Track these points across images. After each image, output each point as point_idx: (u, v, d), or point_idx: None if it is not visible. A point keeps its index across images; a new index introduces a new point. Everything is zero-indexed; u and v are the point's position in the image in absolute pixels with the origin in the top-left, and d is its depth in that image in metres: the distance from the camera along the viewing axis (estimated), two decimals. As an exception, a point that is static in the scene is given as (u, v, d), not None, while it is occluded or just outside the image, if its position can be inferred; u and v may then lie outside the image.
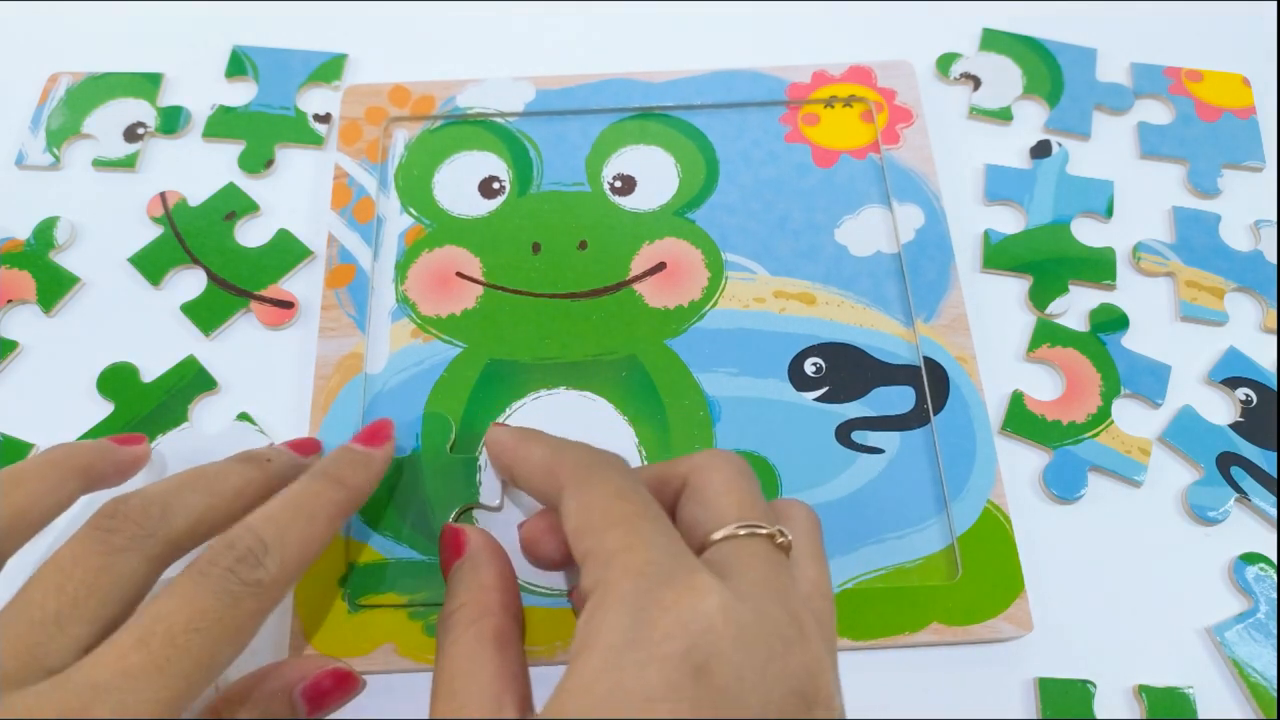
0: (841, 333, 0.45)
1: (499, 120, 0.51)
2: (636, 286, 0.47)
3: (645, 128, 0.51)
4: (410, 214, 0.49)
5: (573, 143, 0.51)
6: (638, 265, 0.47)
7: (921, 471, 0.42)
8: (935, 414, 0.43)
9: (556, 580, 0.40)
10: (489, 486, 0.42)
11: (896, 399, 0.44)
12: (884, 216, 0.48)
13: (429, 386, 0.44)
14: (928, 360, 0.44)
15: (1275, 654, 0.39)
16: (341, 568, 0.40)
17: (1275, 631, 0.39)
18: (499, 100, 0.52)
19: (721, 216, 0.49)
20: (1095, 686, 0.38)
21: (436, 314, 0.46)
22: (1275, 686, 0.38)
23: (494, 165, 0.50)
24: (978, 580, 0.39)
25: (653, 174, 0.50)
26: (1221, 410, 0.45)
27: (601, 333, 0.45)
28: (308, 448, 0.40)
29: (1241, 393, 0.44)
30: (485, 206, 0.49)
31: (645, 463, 0.42)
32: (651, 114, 0.52)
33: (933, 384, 0.44)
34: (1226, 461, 0.43)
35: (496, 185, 0.50)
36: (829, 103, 0.52)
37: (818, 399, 0.44)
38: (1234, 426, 0.44)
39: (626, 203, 0.49)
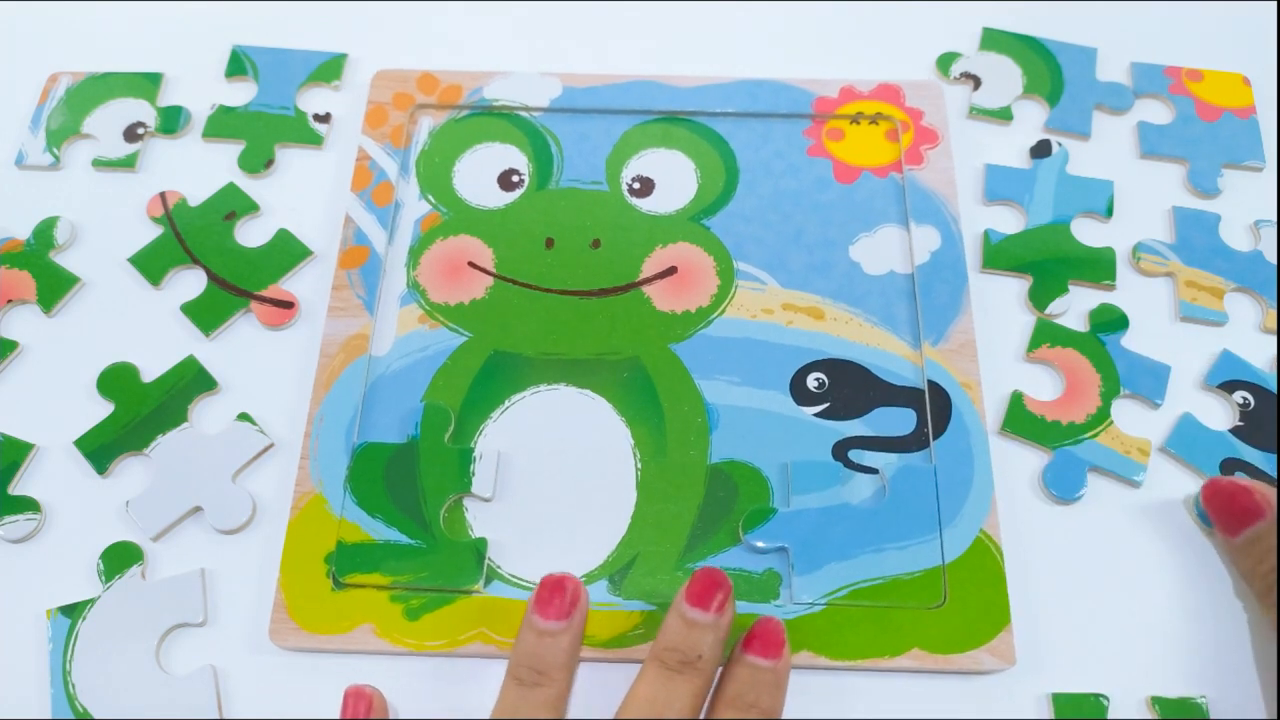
0: (847, 350, 0.45)
1: (524, 114, 0.52)
2: (646, 289, 0.47)
3: (668, 131, 0.51)
4: (428, 201, 0.49)
5: (595, 141, 0.51)
6: (649, 268, 0.47)
7: (916, 496, 0.42)
8: (935, 438, 0.43)
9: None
10: (483, 478, 0.42)
11: (897, 420, 0.44)
12: (900, 236, 0.48)
13: (431, 373, 0.44)
14: (931, 384, 0.44)
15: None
16: (330, 545, 0.40)
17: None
18: (526, 94, 0.52)
19: (737, 225, 0.49)
20: (1109, 700, 0.38)
21: (445, 302, 0.46)
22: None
23: (515, 158, 0.50)
24: (963, 609, 0.39)
25: (672, 178, 0.50)
26: (1222, 415, 0.44)
27: (607, 332, 0.46)
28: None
29: (1239, 396, 0.44)
30: (503, 198, 0.49)
31: (639, 465, 0.42)
32: (676, 118, 0.52)
33: (935, 408, 0.43)
34: (1231, 467, 0.43)
35: (516, 178, 0.50)
36: (855, 119, 0.51)
37: (818, 414, 0.44)
38: (1234, 431, 0.44)
39: (643, 204, 0.49)
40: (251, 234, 0.49)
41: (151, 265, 0.48)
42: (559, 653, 0.36)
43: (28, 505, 0.42)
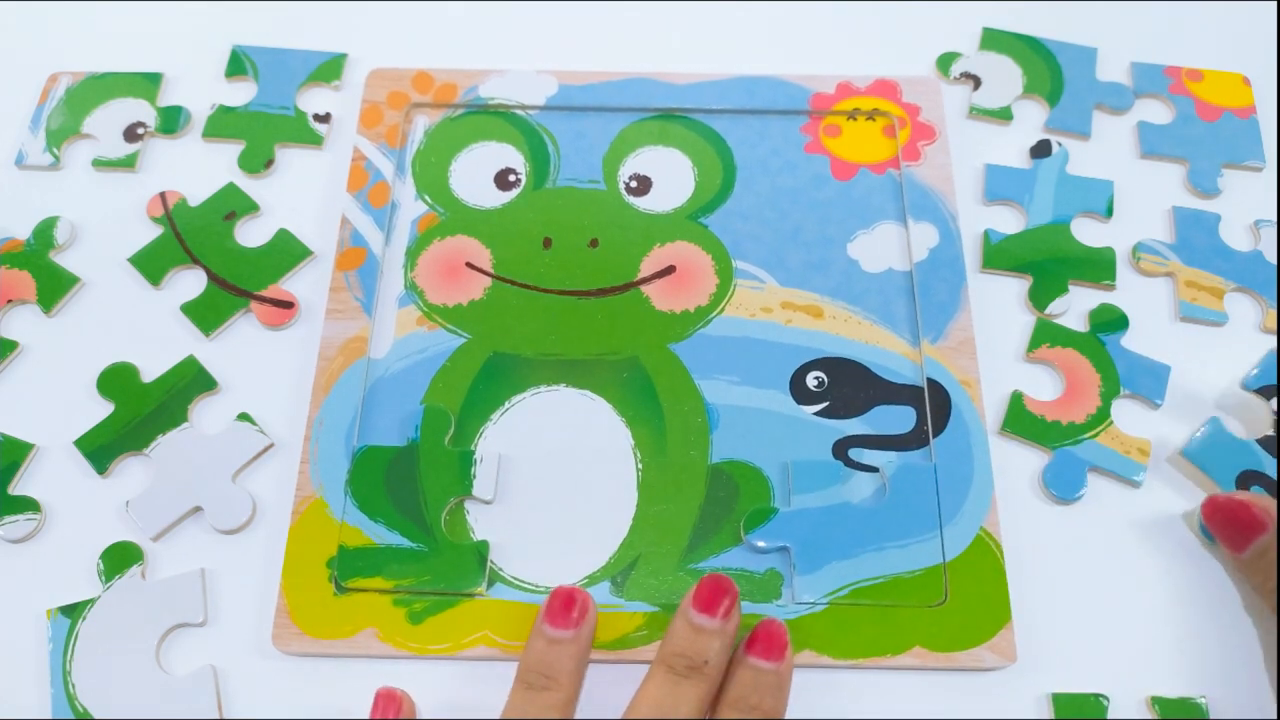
0: (846, 348, 0.45)
1: (520, 112, 0.51)
2: (644, 288, 0.47)
3: (665, 129, 0.51)
4: (425, 201, 0.49)
5: (591, 140, 0.51)
6: (647, 267, 0.47)
7: (916, 494, 0.42)
8: (935, 436, 0.43)
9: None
10: (484, 480, 0.42)
11: (897, 418, 0.44)
12: (899, 233, 0.48)
13: (430, 374, 0.44)
14: (931, 382, 0.44)
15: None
16: (331, 549, 0.40)
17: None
18: (521, 92, 0.52)
19: (735, 223, 0.48)
20: (1109, 700, 0.38)
21: (443, 303, 0.46)
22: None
23: (511, 157, 0.50)
24: (964, 607, 0.39)
25: (669, 176, 0.50)
26: (1238, 423, 0.44)
27: (606, 332, 0.46)
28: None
29: (1276, 403, 0.43)
30: (500, 198, 0.49)
31: (640, 465, 0.43)
32: (673, 115, 0.51)
33: (934, 406, 0.43)
34: (1246, 480, 0.42)
35: (513, 178, 0.50)
36: (852, 115, 0.51)
37: (817, 413, 0.44)
38: (1263, 442, 0.42)
39: (641, 203, 0.49)
40: (251, 234, 0.49)
41: (151, 265, 0.48)
42: (567, 659, 0.36)
43: (28, 505, 0.42)
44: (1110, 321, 0.46)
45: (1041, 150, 0.51)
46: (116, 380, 0.45)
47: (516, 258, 0.48)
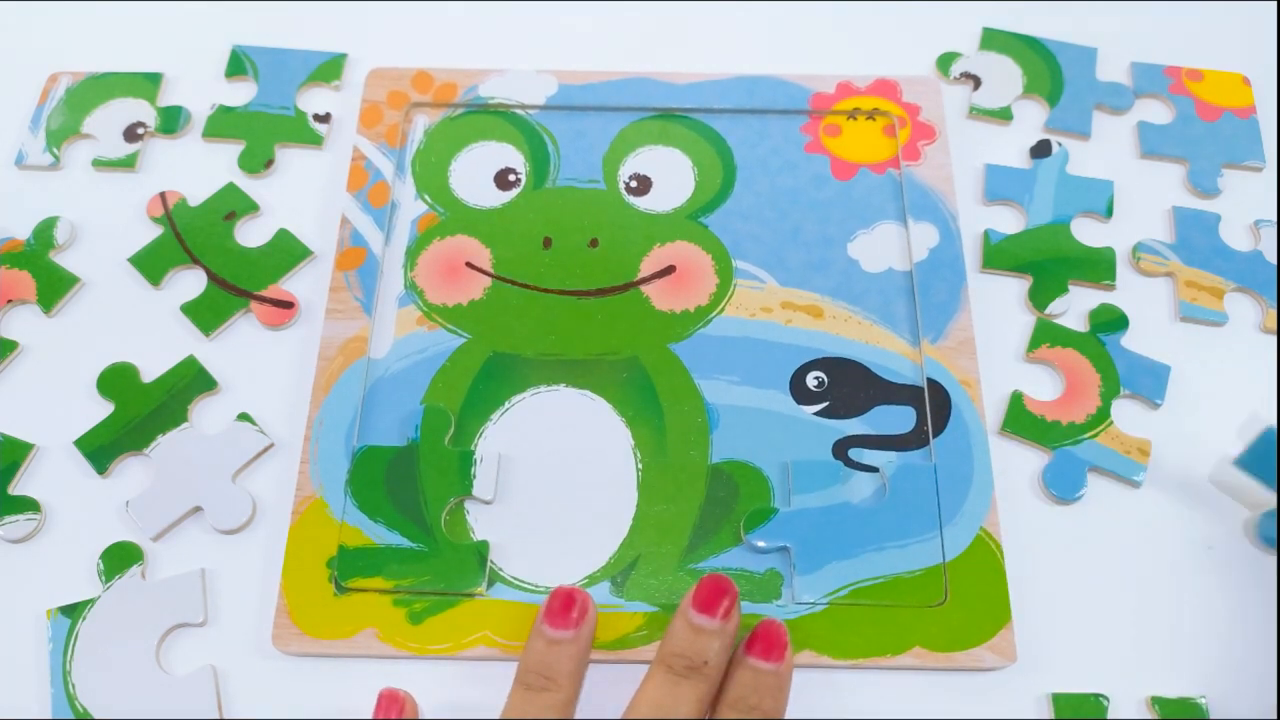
0: (846, 348, 0.45)
1: (520, 112, 0.51)
2: (644, 288, 0.47)
3: (665, 129, 0.51)
4: (425, 201, 0.49)
5: (591, 139, 0.51)
6: (647, 267, 0.47)
7: (916, 494, 0.42)
8: (935, 436, 0.43)
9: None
10: (484, 480, 0.42)
11: (897, 418, 0.44)
12: (899, 233, 0.48)
13: (430, 374, 0.44)
14: (931, 382, 0.44)
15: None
16: (331, 549, 0.40)
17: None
18: (521, 92, 0.52)
19: (735, 223, 0.48)
20: (1109, 700, 0.38)
21: (443, 303, 0.46)
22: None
23: (511, 157, 0.50)
24: (964, 607, 0.39)
25: (669, 175, 0.50)
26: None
27: (606, 332, 0.46)
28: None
29: None
30: (500, 198, 0.49)
31: (640, 465, 0.43)
32: (672, 115, 0.51)
33: (934, 406, 0.43)
34: None
35: (513, 177, 0.50)
36: (852, 115, 0.51)
37: (817, 413, 0.44)
38: None
39: (641, 203, 0.49)
40: (251, 234, 0.49)
41: (151, 265, 0.48)
42: (567, 660, 0.36)
43: (28, 505, 0.42)
44: (1110, 321, 0.46)
45: (1041, 150, 0.51)
46: (116, 380, 0.45)
47: (516, 257, 0.48)
